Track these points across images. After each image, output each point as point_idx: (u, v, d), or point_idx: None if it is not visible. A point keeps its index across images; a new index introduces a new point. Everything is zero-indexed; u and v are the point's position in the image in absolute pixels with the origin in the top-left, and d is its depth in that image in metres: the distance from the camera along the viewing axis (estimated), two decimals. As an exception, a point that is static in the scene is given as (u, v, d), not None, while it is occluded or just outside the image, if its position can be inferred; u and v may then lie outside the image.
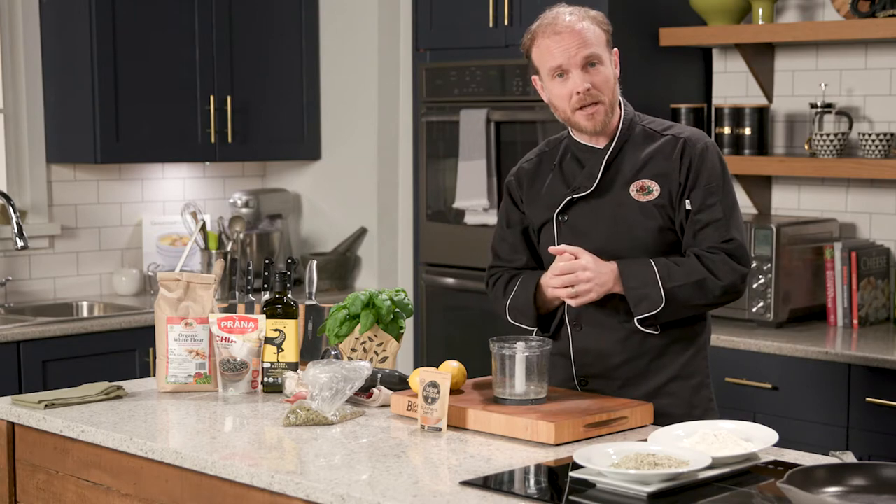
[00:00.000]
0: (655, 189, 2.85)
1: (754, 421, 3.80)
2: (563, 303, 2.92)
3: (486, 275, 3.12)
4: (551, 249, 2.84)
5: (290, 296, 3.09)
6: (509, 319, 3.02)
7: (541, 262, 3.02)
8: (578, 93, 2.81)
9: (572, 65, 2.81)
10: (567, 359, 2.94)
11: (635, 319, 2.81)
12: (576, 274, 2.78)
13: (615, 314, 2.88)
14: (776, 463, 2.42)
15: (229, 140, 5.11)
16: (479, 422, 2.66)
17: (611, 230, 2.86)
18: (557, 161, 2.98)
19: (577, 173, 2.93)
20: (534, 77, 2.94)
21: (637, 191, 2.86)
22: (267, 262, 3.35)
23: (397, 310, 3.14)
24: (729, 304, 4.14)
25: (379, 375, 2.94)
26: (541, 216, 2.97)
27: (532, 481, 2.36)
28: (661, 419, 2.79)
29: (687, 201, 2.84)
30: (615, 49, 2.91)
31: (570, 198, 2.90)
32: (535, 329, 2.99)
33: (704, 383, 2.94)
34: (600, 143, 2.91)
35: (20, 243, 4.63)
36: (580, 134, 2.94)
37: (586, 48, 2.81)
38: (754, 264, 4.17)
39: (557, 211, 2.92)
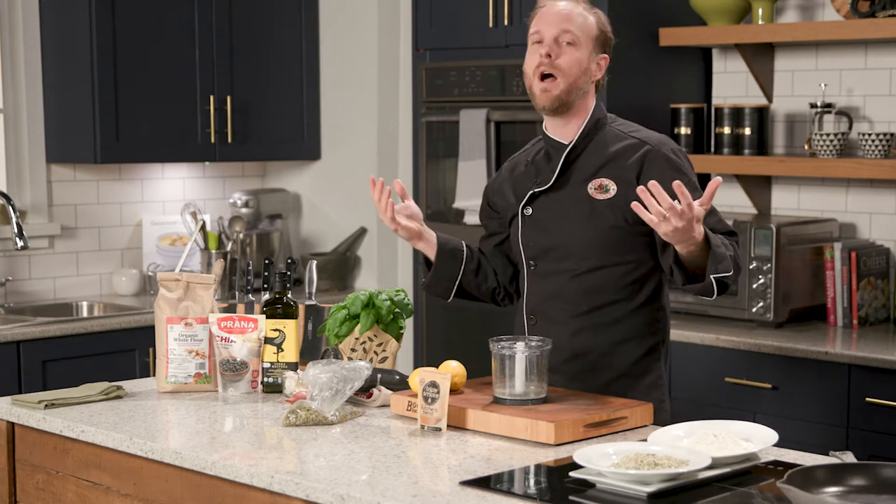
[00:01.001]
0: (612, 188, 2.88)
1: (754, 421, 3.80)
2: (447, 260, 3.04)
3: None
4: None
5: (289, 296, 3.09)
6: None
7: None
8: (541, 54, 2.86)
9: (547, 33, 2.87)
10: None
11: (713, 277, 2.68)
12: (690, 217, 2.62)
13: (567, 308, 2.93)
14: (776, 463, 2.42)
15: (229, 140, 5.11)
16: (479, 422, 2.66)
17: (568, 225, 2.92)
18: (531, 158, 3.05)
19: (544, 168, 2.99)
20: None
21: (595, 189, 2.90)
22: (267, 262, 3.35)
23: (397, 310, 3.15)
24: (729, 304, 4.16)
25: (379, 375, 2.94)
26: (511, 210, 3.04)
27: (532, 481, 2.36)
28: None
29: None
30: (605, 55, 2.94)
31: (532, 192, 2.97)
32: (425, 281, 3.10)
33: (657, 383, 2.96)
34: (566, 138, 2.95)
35: (20, 243, 4.63)
36: (549, 124, 2.98)
37: (566, 24, 2.87)
38: (754, 264, 4.17)
39: (522, 204, 2.99)
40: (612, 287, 2.91)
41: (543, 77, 2.88)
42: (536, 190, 2.97)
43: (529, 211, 2.98)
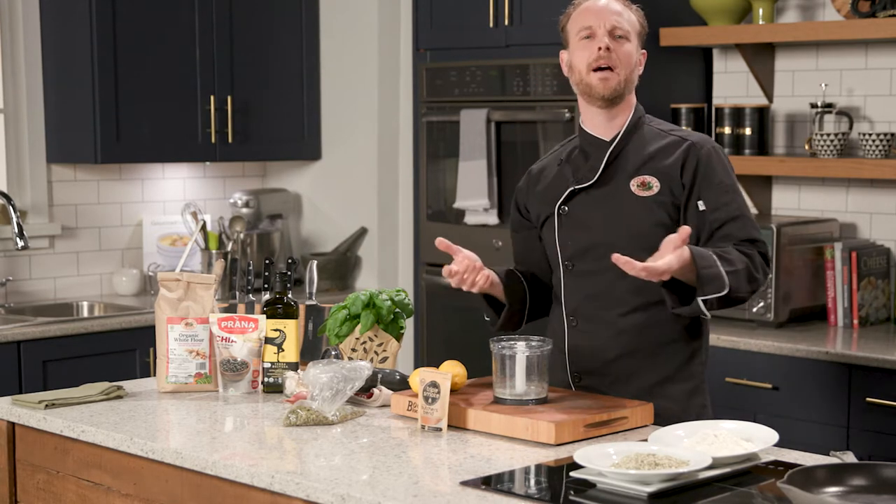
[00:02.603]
0: (656, 185, 2.86)
1: (754, 421, 3.80)
2: (523, 306, 3.00)
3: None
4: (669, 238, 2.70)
5: (290, 296, 3.09)
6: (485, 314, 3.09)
7: (536, 267, 3.04)
8: (599, 48, 2.85)
9: (600, 27, 2.87)
10: (563, 354, 2.95)
11: (700, 300, 2.71)
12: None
13: (611, 309, 2.89)
14: (776, 463, 2.42)
15: (229, 140, 5.11)
16: (480, 422, 2.66)
17: (609, 223, 2.87)
18: (565, 157, 3.01)
19: (582, 164, 2.95)
20: (561, 52, 2.98)
21: (638, 186, 2.87)
22: (267, 262, 3.35)
23: (397, 310, 3.15)
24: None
25: (379, 375, 2.94)
26: (545, 211, 2.99)
27: (532, 481, 2.36)
28: (654, 420, 2.79)
29: (699, 202, 2.84)
30: (644, 51, 2.97)
31: (571, 188, 2.92)
32: (490, 319, 3.06)
33: (700, 389, 2.94)
34: (607, 135, 2.93)
35: (20, 243, 4.63)
36: (589, 120, 2.94)
37: (618, 19, 2.89)
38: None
39: (560, 202, 2.93)
40: (657, 286, 2.79)
41: (599, 69, 2.86)
42: (577, 187, 2.92)
43: (566, 209, 2.93)
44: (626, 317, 2.88)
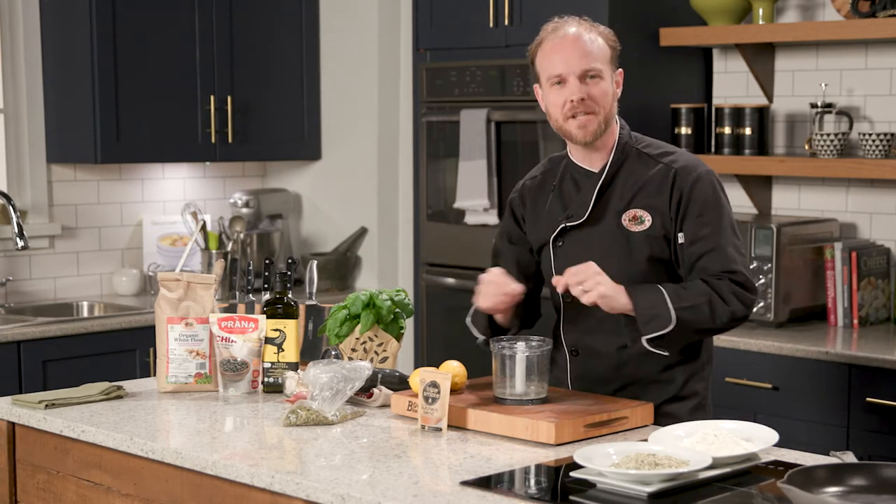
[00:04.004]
0: (647, 219, 2.84)
1: (754, 421, 3.80)
2: (521, 322, 2.99)
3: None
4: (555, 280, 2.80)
5: (290, 296, 3.09)
6: (468, 322, 3.06)
7: (525, 281, 3.00)
8: (572, 101, 2.80)
9: (571, 73, 2.80)
10: (565, 386, 2.95)
11: (644, 339, 2.76)
12: (588, 272, 2.73)
13: (611, 340, 2.88)
14: (776, 463, 2.42)
15: (229, 140, 5.11)
16: (480, 422, 2.66)
17: (603, 259, 2.81)
18: (557, 181, 2.97)
19: (574, 197, 2.92)
20: (535, 86, 2.95)
21: (629, 220, 2.85)
22: (267, 262, 3.35)
23: (397, 310, 3.15)
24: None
25: (379, 375, 2.94)
26: (539, 238, 2.98)
27: (532, 481, 2.36)
28: None
29: (680, 235, 2.82)
30: (620, 70, 2.90)
31: (563, 226, 2.90)
32: (484, 338, 3.01)
33: (702, 405, 2.94)
34: (595, 166, 2.90)
35: (20, 243, 4.63)
36: (576, 152, 2.93)
37: (587, 60, 2.80)
38: (754, 264, 4.17)
39: (553, 236, 2.92)
40: None
41: (576, 115, 2.81)
42: (568, 225, 2.90)
43: (561, 243, 2.91)
44: (624, 349, 2.87)
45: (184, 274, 3.14)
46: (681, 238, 2.82)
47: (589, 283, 2.72)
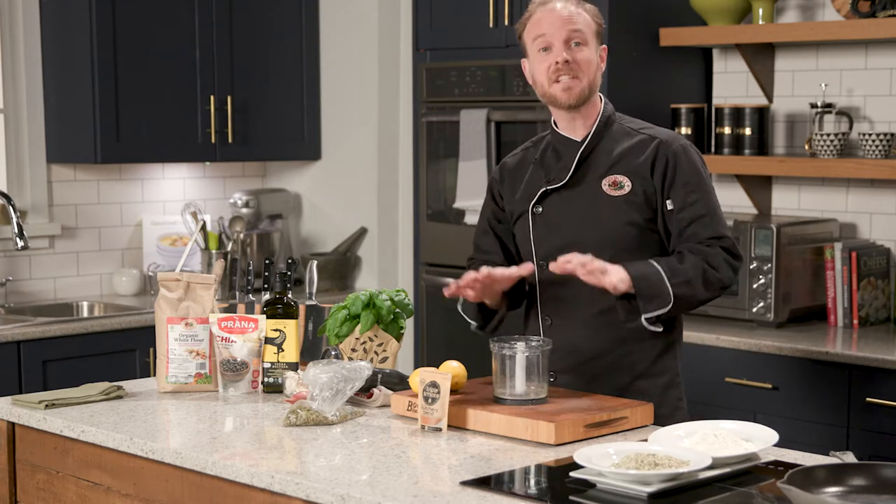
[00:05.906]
0: (627, 184, 2.88)
1: (754, 421, 3.80)
2: (509, 302, 2.99)
3: (465, 265, 3.15)
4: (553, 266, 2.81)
5: (290, 296, 3.09)
6: (459, 309, 3.07)
7: (513, 259, 3.05)
8: (557, 62, 2.86)
9: (556, 38, 2.87)
10: None
11: (643, 318, 2.80)
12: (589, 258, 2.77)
13: (585, 309, 2.91)
14: (776, 463, 2.42)
15: (229, 140, 5.11)
16: (479, 422, 2.66)
17: (582, 223, 2.89)
18: (538, 155, 3.02)
19: (555, 166, 2.97)
20: (522, 60, 3.00)
21: (609, 185, 2.89)
22: (267, 262, 3.35)
23: (397, 310, 3.15)
24: (729, 304, 4.16)
25: (379, 375, 2.94)
26: (518, 208, 3.01)
27: (532, 481, 2.36)
28: None
29: (668, 202, 2.87)
30: (604, 46, 2.96)
31: (544, 189, 2.94)
32: (477, 324, 3.05)
33: (674, 382, 2.96)
34: (578, 135, 2.95)
35: (20, 243, 4.63)
36: (560, 120, 2.97)
37: (572, 25, 2.87)
38: (754, 264, 4.17)
39: (533, 202, 2.95)
40: None
41: (560, 78, 2.87)
42: (549, 188, 2.95)
43: (540, 209, 2.95)
44: (598, 316, 2.90)
45: (184, 274, 3.14)
46: (669, 205, 2.87)
47: (592, 265, 2.74)
